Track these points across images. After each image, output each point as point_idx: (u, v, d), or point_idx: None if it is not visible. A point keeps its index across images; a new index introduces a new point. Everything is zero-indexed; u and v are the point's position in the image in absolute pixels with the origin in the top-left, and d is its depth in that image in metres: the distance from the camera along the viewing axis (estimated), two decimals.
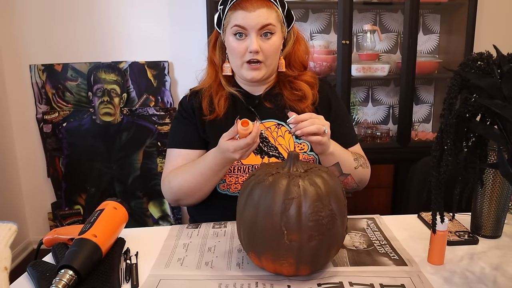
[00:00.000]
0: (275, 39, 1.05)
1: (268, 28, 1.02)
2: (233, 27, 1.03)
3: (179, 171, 1.06)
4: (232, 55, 1.07)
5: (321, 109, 1.13)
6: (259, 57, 1.03)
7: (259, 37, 1.03)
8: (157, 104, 2.39)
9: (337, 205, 0.73)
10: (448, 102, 0.66)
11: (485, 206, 0.92)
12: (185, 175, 1.04)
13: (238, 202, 0.78)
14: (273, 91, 1.13)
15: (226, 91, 1.11)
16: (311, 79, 1.14)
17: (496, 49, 0.67)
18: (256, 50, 1.02)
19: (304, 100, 1.11)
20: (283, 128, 1.10)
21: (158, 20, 2.34)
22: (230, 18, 1.04)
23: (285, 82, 1.13)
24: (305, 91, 1.11)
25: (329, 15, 2.34)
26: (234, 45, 1.04)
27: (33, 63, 2.31)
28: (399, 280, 0.75)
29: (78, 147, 2.39)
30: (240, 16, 1.01)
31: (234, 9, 1.02)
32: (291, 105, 1.10)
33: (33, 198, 2.49)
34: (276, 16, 1.04)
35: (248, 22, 1.01)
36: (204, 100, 1.11)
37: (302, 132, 0.91)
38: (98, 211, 0.86)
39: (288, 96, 1.11)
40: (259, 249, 0.74)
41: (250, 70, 1.05)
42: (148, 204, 2.46)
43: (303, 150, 1.09)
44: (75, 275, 0.71)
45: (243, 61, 1.05)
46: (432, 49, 2.42)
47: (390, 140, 2.32)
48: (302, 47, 1.14)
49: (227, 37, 1.07)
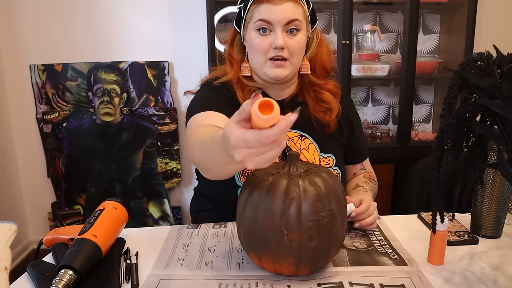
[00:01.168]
0: (300, 36, 0.98)
1: (295, 24, 0.95)
2: (257, 22, 0.96)
3: (195, 134, 0.83)
4: (254, 52, 0.99)
5: (344, 122, 1.11)
6: (284, 54, 0.96)
7: (284, 33, 0.96)
8: (157, 104, 2.39)
9: (337, 205, 0.73)
10: (448, 102, 0.66)
11: (485, 206, 0.92)
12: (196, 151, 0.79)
13: (238, 202, 0.78)
14: (296, 99, 1.07)
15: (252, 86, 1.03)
16: (335, 89, 1.09)
17: (496, 49, 0.67)
18: (281, 45, 0.95)
19: (329, 112, 1.05)
20: (307, 140, 1.05)
21: (158, 20, 2.34)
22: (253, 13, 0.97)
23: (309, 89, 1.07)
24: (331, 104, 1.06)
25: (329, 15, 2.34)
26: (257, 41, 0.97)
27: (33, 63, 2.31)
28: (399, 280, 0.75)
29: (78, 147, 2.39)
30: (265, 9, 0.95)
31: (258, 3, 0.96)
32: (316, 116, 1.05)
33: (33, 198, 2.49)
34: (302, 12, 0.98)
35: (274, 16, 0.94)
36: (237, 91, 1.02)
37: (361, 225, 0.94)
38: (98, 211, 0.86)
39: (313, 107, 1.06)
40: (259, 249, 0.74)
41: (274, 67, 0.97)
42: (148, 204, 2.46)
43: (329, 165, 1.05)
44: (75, 275, 0.71)
45: (267, 58, 0.98)
46: (432, 49, 2.42)
47: (390, 140, 2.33)
48: (325, 50, 1.08)
49: (248, 33, 0.99)
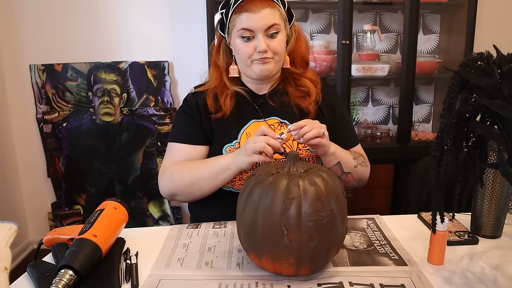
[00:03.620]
0: (281, 37, 1.07)
1: (274, 27, 1.04)
2: (239, 30, 1.05)
3: (185, 166, 1.07)
4: (240, 57, 1.09)
5: (325, 110, 1.16)
6: (268, 55, 1.06)
7: (265, 37, 1.05)
8: (157, 104, 2.39)
9: (337, 205, 0.73)
10: (448, 102, 0.66)
11: (485, 206, 0.92)
12: (191, 168, 1.05)
13: (238, 202, 0.78)
14: (277, 89, 1.15)
15: (231, 90, 1.13)
16: (314, 77, 1.17)
17: (496, 49, 0.67)
18: (264, 49, 1.04)
19: (308, 97, 1.13)
20: (286, 126, 1.11)
21: (158, 20, 2.34)
22: (235, 21, 1.05)
23: (290, 79, 1.16)
24: (309, 88, 1.13)
25: (329, 15, 2.34)
26: (242, 47, 1.06)
27: (33, 63, 2.31)
28: (399, 280, 0.75)
29: (78, 147, 2.38)
30: (245, 18, 1.03)
31: (238, 12, 1.04)
32: (296, 102, 1.13)
33: (33, 198, 2.49)
34: (280, 14, 1.06)
35: (254, 24, 1.03)
36: (208, 98, 1.12)
37: (305, 139, 0.95)
38: (98, 211, 0.86)
39: (293, 93, 1.14)
40: (259, 249, 0.74)
41: (259, 64, 1.07)
42: (148, 204, 2.46)
43: (306, 148, 1.10)
44: (75, 275, 0.71)
45: (252, 60, 1.07)
46: (432, 49, 2.42)
47: (390, 140, 2.32)
48: (303, 43, 1.17)
49: (233, 39, 1.08)
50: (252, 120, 1.12)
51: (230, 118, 1.11)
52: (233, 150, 1.08)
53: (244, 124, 1.11)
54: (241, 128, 1.11)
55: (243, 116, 1.12)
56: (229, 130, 1.11)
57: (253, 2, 1.03)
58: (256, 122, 1.11)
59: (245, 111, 1.12)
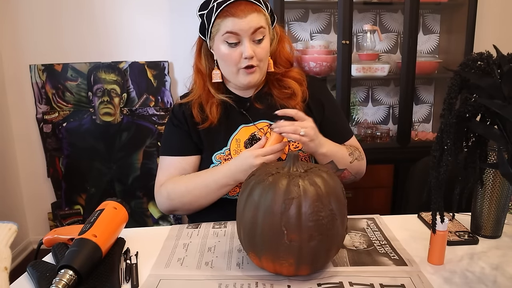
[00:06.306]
0: (266, 42, 1.05)
1: (260, 31, 1.02)
2: (224, 34, 1.01)
3: (181, 181, 1.07)
4: (225, 63, 1.06)
5: (314, 106, 1.14)
6: (254, 62, 1.03)
7: (251, 42, 1.02)
8: (157, 104, 2.39)
9: (337, 205, 0.73)
10: (448, 102, 0.66)
11: (485, 206, 0.92)
12: (188, 186, 1.05)
13: (238, 202, 0.78)
14: (262, 91, 1.14)
15: (216, 98, 1.10)
16: (298, 75, 1.15)
17: (496, 49, 0.67)
18: (251, 55, 1.01)
19: (294, 97, 1.11)
20: None
21: (158, 20, 2.34)
22: (219, 26, 1.01)
23: (274, 81, 1.14)
24: (294, 88, 1.11)
25: (329, 15, 2.34)
26: (227, 53, 1.03)
27: (33, 63, 2.31)
28: (399, 280, 0.75)
29: (78, 147, 2.39)
30: (231, 23, 0.99)
31: (223, 17, 1.00)
32: (281, 103, 1.11)
33: (33, 198, 2.49)
34: (265, 19, 1.04)
35: (241, 27, 0.99)
36: (194, 109, 1.10)
37: (280, 130, 0.96)
38: (98, 211, 0.86)
39: (278, 94, 1.12)
40: (259, 249, 0.74)
41: (246, 75, 1.05)
42: (148, 204, 2.46)
43: (298, 148, 1.10)
44: (75, 275, 0.71)
45: (239, 68, 1.04)
46: (432, 49, 2.42)
47: (390, 140, 2.32)
48: (286, 44, 1.15)
49: (216, 45, 1.05)
50: (241, 125, 1.10)
51: (218, 126, 1.09)
52: (223, 157, 1.08)
53: (233, 130, 1.10)
54: (230, 134, 1.09)
55: (231, 122, 1.10)
56: (218, 138, 1.09)
57: (239, 6, 0.99)
58: (245, 127, 1.10)
59: (233, 117, 1.11)
